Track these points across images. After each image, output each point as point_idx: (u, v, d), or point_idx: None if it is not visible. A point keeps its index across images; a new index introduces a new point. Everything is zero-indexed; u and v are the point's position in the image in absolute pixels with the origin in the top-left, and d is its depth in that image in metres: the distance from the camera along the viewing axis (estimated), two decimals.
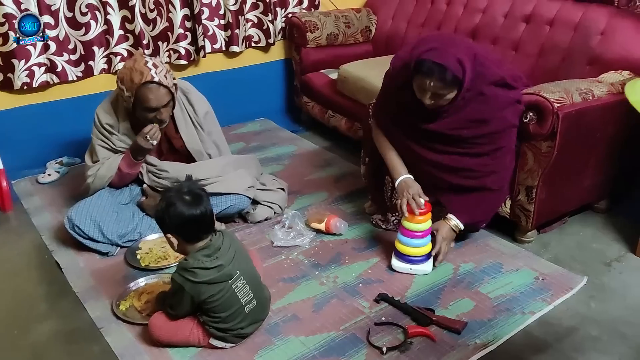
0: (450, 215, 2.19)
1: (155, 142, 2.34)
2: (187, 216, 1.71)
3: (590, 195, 2.50)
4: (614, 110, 2.23)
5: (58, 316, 2.02)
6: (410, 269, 2.16)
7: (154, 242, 2.36)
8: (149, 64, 2.23)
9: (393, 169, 2.24)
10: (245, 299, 1.78)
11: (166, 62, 3.16)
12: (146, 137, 2.31)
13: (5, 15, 2.70)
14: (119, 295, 2.05)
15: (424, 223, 2.12)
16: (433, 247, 2.17)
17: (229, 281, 1.74)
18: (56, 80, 2.96)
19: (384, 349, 1.81)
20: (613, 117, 2.26)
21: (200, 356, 1.80)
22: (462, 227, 2.19)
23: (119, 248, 2.34)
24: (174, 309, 1.78)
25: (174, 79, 2.34)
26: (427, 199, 2.12)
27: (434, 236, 2.17)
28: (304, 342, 1.86)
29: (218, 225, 1.98)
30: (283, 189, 2.64)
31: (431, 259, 2.18)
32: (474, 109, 2.04)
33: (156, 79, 2.23)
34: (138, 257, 2.28)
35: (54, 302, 2.10)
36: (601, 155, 2.36)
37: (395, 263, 2.18)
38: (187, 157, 2.50)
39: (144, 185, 2.47)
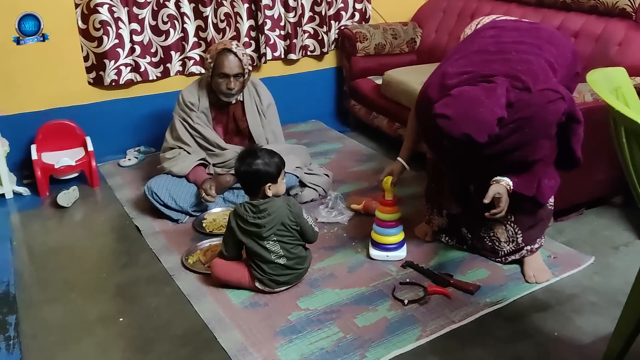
0: (498, 178, 2.06)
1: (210, 199, 2.69)
2: (236, 171, 2.20)
3: (604, 189, 2.75)
4: None
5: (138, 266, 2.45)
6: (387, 255, 2.39)
7: (217, 214, 2.77)
8: (234, 43, 2.74)
9: (402, 148, 2.38)
10: (274, 255, 2.13)
11: None
12: (202, 195, 2.70)
13: (101, 22, 3.21)
14: (187, 251, 2.47)
15: (395, 214, 2.37)
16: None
17: (259, 240, 2.12)
18: (139, 79, 3.45)
19: (406, 301, 2.14)
20: None
21: (252, 298, 2.18)
22: (511, 183, 2.05)
23: (187, 217, 2.76)
24: (224, 242, 2.20)
25: (250, 64, 2.80)
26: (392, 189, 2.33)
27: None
28: (339, 294, 2.21)
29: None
30: (327, 175, 3.00)
31: (405, 245, 2.42)
32: (524, 133, 1.90)
33: (234, 50, 2.69)
34: (204, 224, 2.69)
35: (134, 256, 2.53)
36: (614, 152, 2.61)
37: (373, 252, 2.41)
38: (248, 139, 2.93)
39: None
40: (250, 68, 2.82)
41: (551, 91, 1.89)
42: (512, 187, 2.06)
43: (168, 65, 3.52)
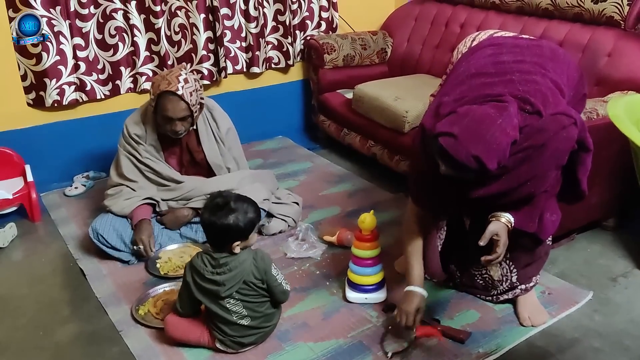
0: (498, 213, 1.82)
1: (143, 253, 2.36)
2: (202, 220, 1.87)
3: (597, 212, 2.54)
4: (618, 129, 2.28)
5: (81, 319, 2.14)
6: (365, 298, 2.13)
7: (173, 252, 2.47)
8: (181, 77, 2.35)
9: (409, 274, 1.96)
10: (236, 316, 1.84)
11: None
12: (139, 248, 2.36)
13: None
14: (138, 300, 2.16)
15: (374, 250, 2.12)
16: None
17: (218, 299, 1.83)
18: (85, 98, 3.12)
19: (389, 354, 1.88)
20: (618, 136, 2.30)
21: (213, 358, 1.89)
22: (512, 220, 1.81)
23: None
24: (179, 297, 1.91)
25: (201, 99, 2.46)
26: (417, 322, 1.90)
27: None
28: (312, 348, 1.94)
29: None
30: (297, 203, 2.73)
31: (385, 287, 2.16)
32: (533, 164, 1.67)
33: (179, 92, 2.33)
34: (158, 265, 2.38)
35: (78, 307, 2.21)
36: (608, 173, 2.41)
37: (350, 294, 2.15)
38: (207, 170, 2.62)
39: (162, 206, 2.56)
40: (202, 102, 2.48)
41: (564, 116, 1.66)
42: (513, 225, 1.81)
43: (117, 82, 3.20)
